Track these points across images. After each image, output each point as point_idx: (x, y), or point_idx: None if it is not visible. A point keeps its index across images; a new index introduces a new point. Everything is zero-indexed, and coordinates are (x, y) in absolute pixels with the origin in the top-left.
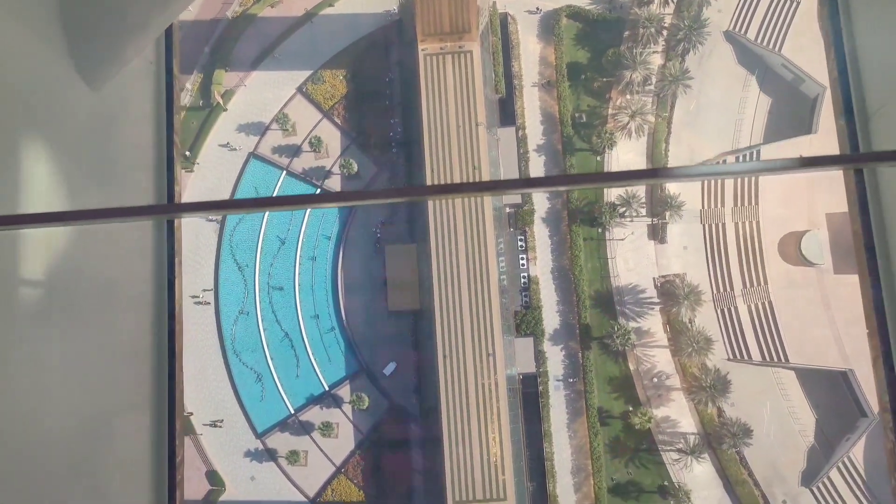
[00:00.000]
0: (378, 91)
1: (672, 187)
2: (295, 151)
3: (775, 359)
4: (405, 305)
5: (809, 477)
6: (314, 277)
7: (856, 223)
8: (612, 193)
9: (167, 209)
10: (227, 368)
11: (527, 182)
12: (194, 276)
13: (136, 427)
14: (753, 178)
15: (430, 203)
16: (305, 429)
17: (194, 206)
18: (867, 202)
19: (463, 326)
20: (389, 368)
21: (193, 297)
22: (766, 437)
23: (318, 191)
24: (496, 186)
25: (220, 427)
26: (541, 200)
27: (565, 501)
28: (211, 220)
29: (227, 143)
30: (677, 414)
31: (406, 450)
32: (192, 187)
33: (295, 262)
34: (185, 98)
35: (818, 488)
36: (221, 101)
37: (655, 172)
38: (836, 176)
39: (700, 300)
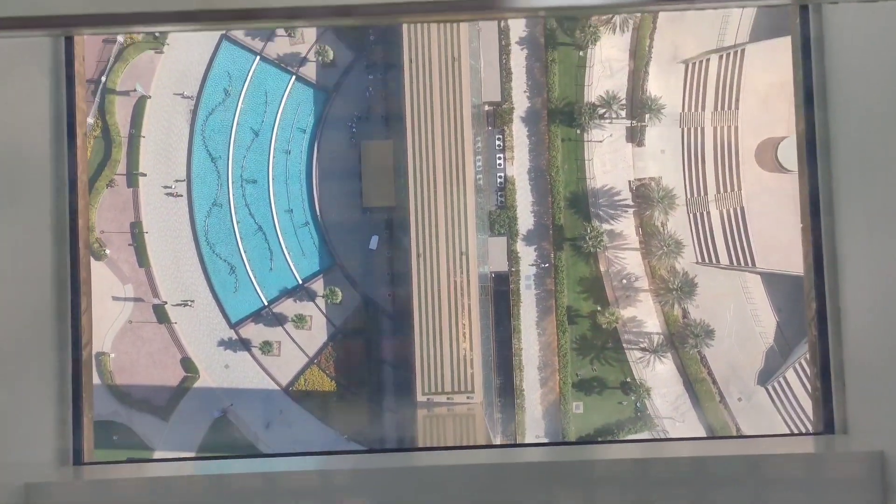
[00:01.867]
0: None
1: (654, 89)
2: (269, 36)
3: (742, 263)
4: (380, 202)
5: (766, 376)
6: (288, 171)
7: (797, 70)
8: (593, 94)
9: (61, 21)
10: (201, 259)
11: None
12: (166, 166)
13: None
14: (736, 80)
15: (408, 99)
16: (279, 320)
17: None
18: (810, 44)
19: (437, 224)
20: (373, 242)
21: (165, 187)
22: (728, 338)
23: (294, 77)
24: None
25: (191, 306)
26: (520, 99)
27: (530, 394)
28: (182, 107)
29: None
30: (644, 314)
31: (378, 343)
32: (162, 69)
33: (269, 155)
34: None
35: (773, 387)
36: None
37: None
38: None
39: (674, 204)
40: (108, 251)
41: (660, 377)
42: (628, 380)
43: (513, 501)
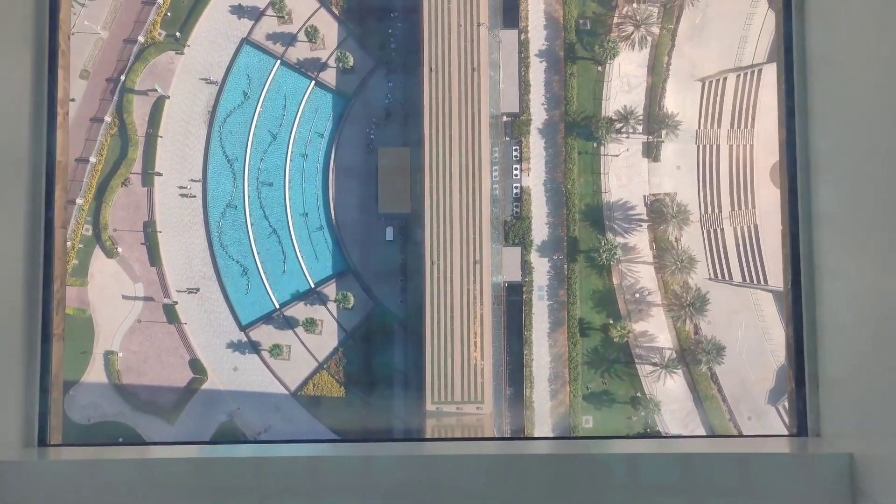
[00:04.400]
0: None
1: (671, 105)
2: (290, 40)
3: (755, 280)
4: (396, 208)
5: (777, 396)
6: (305, 175)
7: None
8: (611, 108)
9: None
10: (213, 261)
11: None
12: (182, 166)
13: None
14: (752, 99)
15: (427, 107)
16: (290, 324)
17: None
18: (793, 60)
19: (452, 232)
20: (389, 234)
21: (181, 187)
22: (739, 356)
23: (314, 82)
24: None
25: (198, 297)
26: (538, 111)
27: (540, 407)
28: (200, 108)
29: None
30: (655, 329)
31: (389, 350)
32: (182, 70)
33: (286, 159)
34: None
35: (783, 407)
36: None
37: None
38: None
39: (688, 220)
40: (120, 249)
41: (670, 393)
42: (638, 395)
43: (512, 492)
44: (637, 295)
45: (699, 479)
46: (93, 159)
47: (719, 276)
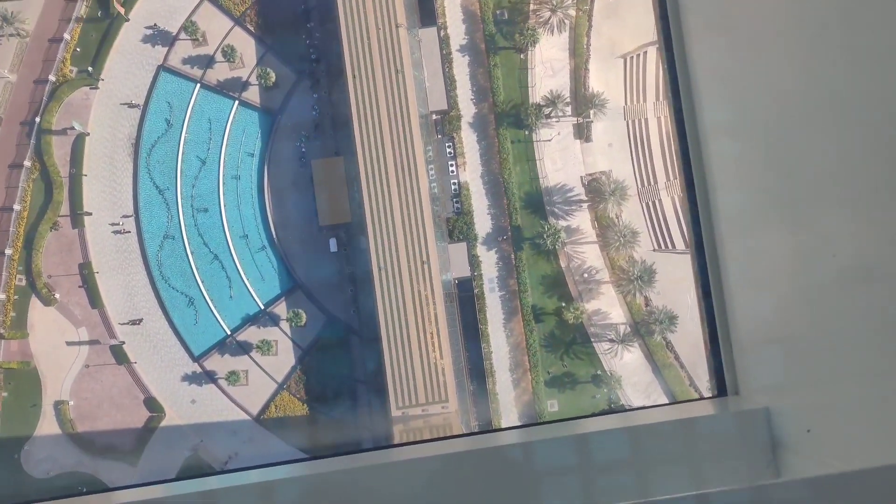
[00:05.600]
0: None
1: (596, 85)
2: (208, 62)
3: None
4: (336, 219)
5: None
6: (240, 197)
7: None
8: (537, 94)
9: None
10: (157, 295)
11: None
12: (112, 203)
13: None
14: None
15: (355, 114)
16: (244, 349)
17: None
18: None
19: (396, 236)
20: (332, 245)
21: (113, 224)
22: (691, 322)
23: (237, 102)
24: None
25: (138, 325)
26: (467, 105)
27: (505, 397)
28: (123, 141)
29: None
30: (607, 306)
31: (347, 362)
32: (98, 104)
33: (218, 182)
34: (82, 8)
35: None
36: (122, 11)
37: None
38: None
39: (626, 195)
40: (57, 295)
41: (629, 367)
42: (599, 372)
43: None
44: (586, 275)
45: (627, 453)
46: (17, 207)
47: (663, 247)
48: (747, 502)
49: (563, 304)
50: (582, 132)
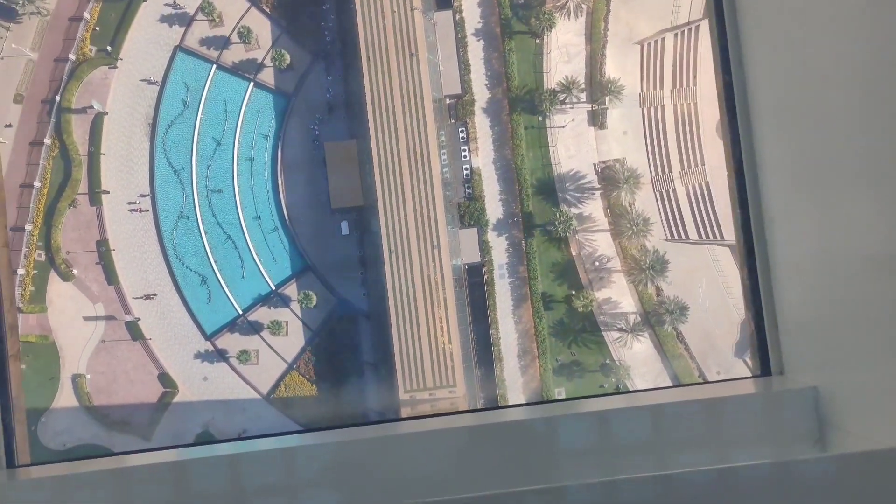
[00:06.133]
0: None
1: (612, 71)
2: (224, 43)
3: (711, 237)
4: (348, 202)
5: (743, 348)
6: (253, 178)
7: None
8: (552, 80)
9: None
10: (171, 274)
11: None
12: (128, 182)
13: None
14: (692, 57)
15: (368, 98)
16: (255, 328)
17: None
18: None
19: (407, 220)
20: (344, 228)
21: (129, 203)
22: (702, 313)
23: (252, 84)
24: None
25: (152, 300)
26: (481, 90)
27: (512, 384)
28: (140, 121)
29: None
30: (618, 295)
31: (356, 344)
32: (117, 84)
33: (232, 164)
34: None
35: (749, 359)
36: None
37: None
38: None
39: (639, 183)
40: (75, 271)
41: (638, 357)
42: (608, 361)
43: (484, 460)
44: (596, 263)
45: (668, 430)
46: (37, 184)
47: (676, 236)
48: (797, 474)
49: (573, 292)
50: (596, 119)
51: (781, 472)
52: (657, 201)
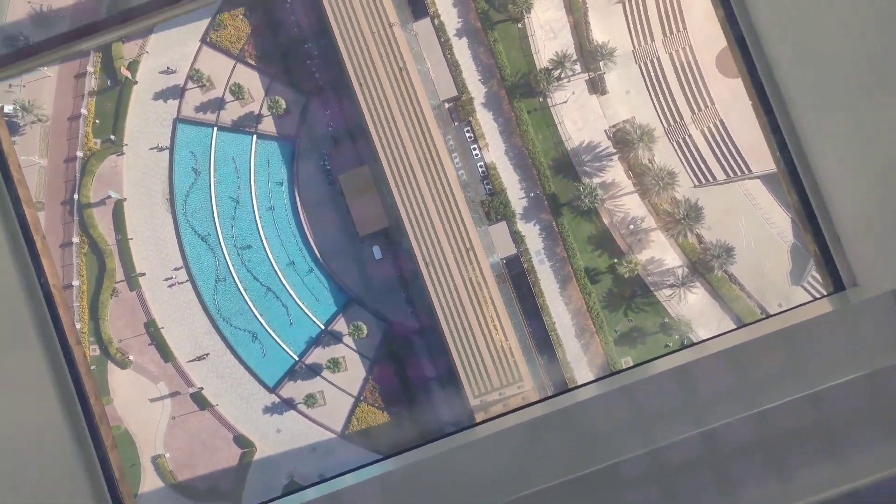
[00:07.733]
0: (282, 19)
1: (600, 35)
2: (219, 104)
3: (738, 173)
4: (374, 226)
5: (798, 275)
6: (278, 226)
7: None
8: (543, 59)
9: None
10: (222, 336)
11: None
12: (161, 259)
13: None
14: (676, 3)
15: (369, 121)
16: (314, 371)
17: None
18: None
19: (435, 229)
20: (377, 252)
21: (167, 279)
22: (749, 250)
23: (255, 136)
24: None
25: (205, 360)
26: (476, 86)
27: (577, 364)
28: (159, 198)
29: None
30: (660, 253)
31: (416, 362)
32: (128, 169)
33: (255, 217)
34: (91, 81)
35: (808, 283)
36: (129, 75)
37: None
38: None
39: (654, 138)
40: (131, 357)
41: (696, 308)
42: (666, 320)
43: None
44: (631, 226)
45: (750, 369)
46: (76, 282)
47: (703, 181)
48: (892, 382)
49: (615, 260)
50: (596, 86)
51: (875, 382)
52: (676, 151)
